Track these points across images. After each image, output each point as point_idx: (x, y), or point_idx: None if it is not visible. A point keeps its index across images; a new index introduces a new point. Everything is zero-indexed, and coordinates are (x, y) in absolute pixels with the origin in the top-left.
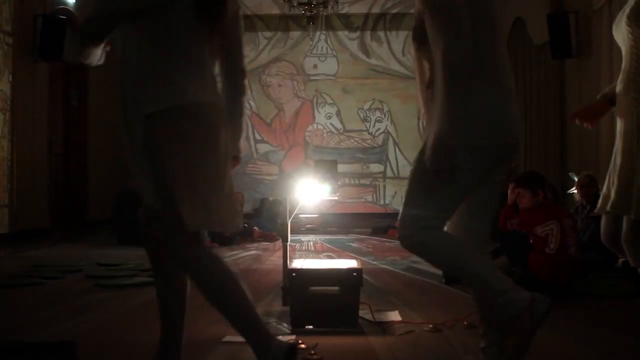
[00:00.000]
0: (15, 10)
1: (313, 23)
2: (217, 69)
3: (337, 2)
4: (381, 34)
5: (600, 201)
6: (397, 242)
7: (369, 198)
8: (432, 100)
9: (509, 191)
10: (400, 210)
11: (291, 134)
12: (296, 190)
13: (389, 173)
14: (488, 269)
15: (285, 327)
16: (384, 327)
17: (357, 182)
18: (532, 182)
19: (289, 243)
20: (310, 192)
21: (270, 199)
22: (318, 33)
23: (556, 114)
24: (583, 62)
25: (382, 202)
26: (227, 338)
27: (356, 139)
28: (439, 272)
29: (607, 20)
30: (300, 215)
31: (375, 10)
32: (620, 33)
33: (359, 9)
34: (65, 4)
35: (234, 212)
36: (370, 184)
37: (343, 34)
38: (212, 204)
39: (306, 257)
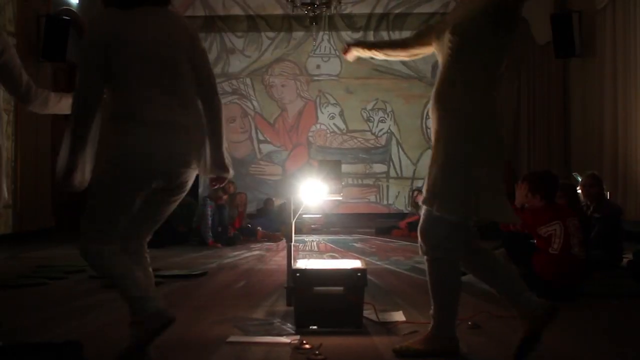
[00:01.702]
0: (19, 11)
1: (316, 23)
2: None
3: (340, 2)
4: (384, 33)
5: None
6: (401, 242)
7: (372, 198)
8: None
9: (517, 192)
10: None
11: (294, 134)
12: (300, 191)
13: (392, 173)
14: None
15: (289, 327)
16: (388, 328)
17: (360, 182)
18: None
19: (292, 243)
20: (313, 193)
21: (274, 199)
22: (321, 33)
23: (559, 113)
24: (586, 61)
25: (385, 202)
26: (232, 338)
27: (359, 139)
28: None
29: (611, 20)
30: (304, 216)
31: (379, 10)
32: (441, 43)
33: (362, 9)
34: (69, 4)
35: None
36: (373, 184)
37: (346, 34)
38: None
39: (310, 257)
